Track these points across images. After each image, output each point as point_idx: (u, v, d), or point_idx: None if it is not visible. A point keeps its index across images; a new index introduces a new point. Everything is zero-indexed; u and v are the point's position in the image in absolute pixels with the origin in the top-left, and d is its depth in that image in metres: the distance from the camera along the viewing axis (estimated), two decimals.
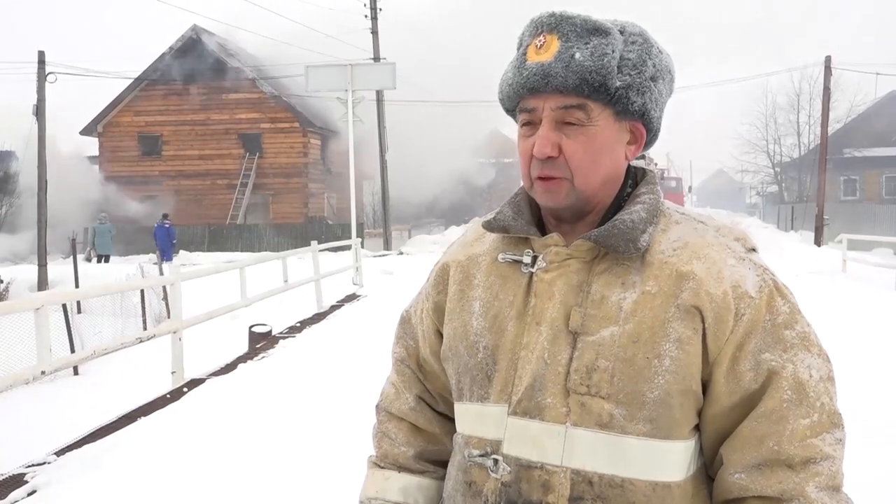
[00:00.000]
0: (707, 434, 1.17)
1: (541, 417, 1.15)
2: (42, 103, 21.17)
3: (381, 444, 1.42)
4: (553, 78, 1.13)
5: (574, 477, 1.12)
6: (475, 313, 1.26)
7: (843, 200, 39.36)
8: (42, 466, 4.62)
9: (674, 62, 1.25)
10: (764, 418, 1.11)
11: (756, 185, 61.71)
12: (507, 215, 1.26)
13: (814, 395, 1.12)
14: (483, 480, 1.19)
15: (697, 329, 1.11)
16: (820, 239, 26.47)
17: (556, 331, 1.16)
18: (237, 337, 9.74)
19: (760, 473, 1.11)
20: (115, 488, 4.20)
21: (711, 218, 1.26)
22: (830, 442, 1.11)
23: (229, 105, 30.75)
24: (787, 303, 1.16)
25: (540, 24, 1.18)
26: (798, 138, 48.30)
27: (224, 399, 6.16)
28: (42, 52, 21.23)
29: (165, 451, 4.79)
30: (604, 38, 1.14)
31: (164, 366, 7.72)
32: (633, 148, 1.22)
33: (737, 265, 1.16)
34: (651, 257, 1.17)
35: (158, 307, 12.74)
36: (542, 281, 1.20)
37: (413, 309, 1.46)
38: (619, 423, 1.11)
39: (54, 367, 5.58)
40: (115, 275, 14.68)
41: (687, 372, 1.11)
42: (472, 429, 1.23)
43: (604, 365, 1.12)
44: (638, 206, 1.19)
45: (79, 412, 7.03)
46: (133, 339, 6.90)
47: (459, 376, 1.27)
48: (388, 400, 1.44)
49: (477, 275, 1.29)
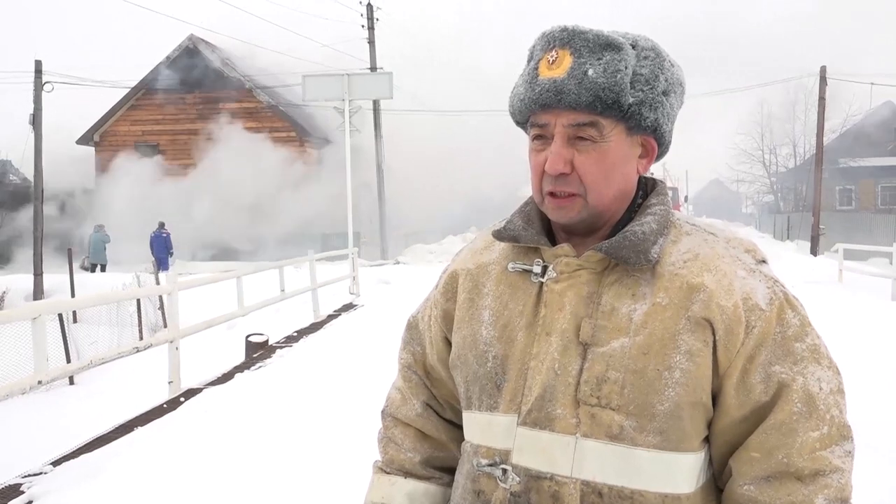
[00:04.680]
0: (716, 446, 1.17)
1: (551, 428, 1.14)
2: (39, 112, 21.16)
3: (387, 450, 1.42)
4: (566, 95, 1.13)
5: (584, 488, 1.12)
6: (485, 322, 1.25)
7: (839, 210, 39.47)
8: (38, 477, 4.59)
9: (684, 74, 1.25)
10: (773, 430, 1.11)
11: (752, 194, 62.02)
12: (518, 225, 1.26)
13: (823, 407, 1.12)
14: (492, 490, 1.19)
15: (708, 341, 1.11)
16: (816, 248, 26.51)
17: (567, 341, 1.16)
18: (234, 346, 9.71)
19: (769, 485, 1.11)
20: (111, 498, 4.18)
21: (722, 229, 1.26)
22: (840, 454, 1.12)
23: (226, 114, 30.73)
24: (798, 315, 1.16)
25: (552, 38, 1.17)
26: (794, 148, 48.55)
27: (221, 409, 6.13)
28: (39, 61, 21.23)
29: (162, 461, 4.77)
30: (616, 53, 1.14)
31: (160, 375, 7.68)
32: (644, 162, 1.23)
33: (747, 277, 1.16)
34: (661, 269, 1.17)
35: (155, 316, 12.71)
36: (553, 291, 1.20)
37: (420, 315, 1.46)
38: (629, 435, 1.11)
39: (51, 376, 5.55)
40: (112, 284, 14.64)
41: (697, 384, 1.11)
42: (482, 438, 1.23)
43: (614, 376, 1.12)
44: (648, 218, 1.19)
45: (75, 422, 7.00)
46: (130, 349, 6.88)
47: (468, 385, 1.27)
48: (394, 405, 1.44)
49: (487, 283, 1.29)
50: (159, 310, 12.50)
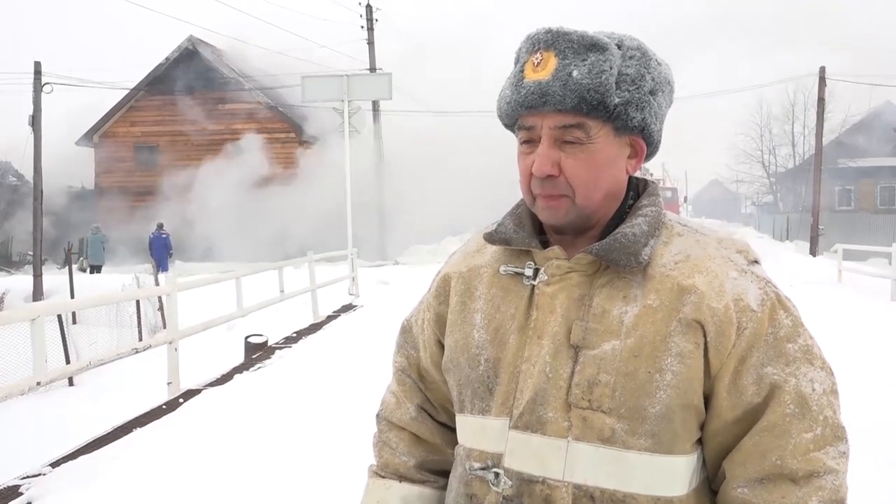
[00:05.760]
0: (709, 448, 1.17)
1: (542, 432, 1.14)
2: (38, 113, 21.16)
3: (382, 454, 1.42)
4: (551, 97, 1.12)
5: (576, 492, 1.12)
6: (476, 325, 1.25)
7: (838, 210, 39.44)
8: (37, 478, 4.59)
9: (672, 72, 1.24)
10: (766, 432, 1.11)
11: (751, 195, 61.97)
12: (509, 227, 1.26)
13: (817, 408, 1.12)
14: (484, 493, 1.19)
15: (699, 343, 1.11)
16: (815, 249, 26.51)
17: (558, 344, 1.16)
18: (233, 347, 9.70)
19: (763, 488, 1.11)
20: (110, 500, 4.18)
21: (714, 230, 1.26)
22: (834, 455, 1.11)
23: (225, 115, 30.72)
24: (790, 316, 1.16)
25: (536, 40, 1.17)
26: (793, 148, 48.59)
27: (220, 410, 6.13)
28: (38, 62, 21.22)
29: (161, 463, 4.77)
30: (601, 53, 1.14)
31: (159, 376, 7.67)
32: (633, 162, 1.22)
33: (739, 278, 1.15)
34: (653, 270, 1.16)
35: (154, 317, 12.71)
36: (544, 294, 1.20)
37: (414, 318, 1.46)
38: (621, 438, 1.11)
39: (50, 377, 5.55)
40: (111, 285, 14.63)
41: (689, 386, 1.11)
42: (474, 441, 1.23)
43: (605, 379, 1.12)
44: (639, 219, 1.19)
45: (74, 423, 7.00)
46: (129, 350, 6.87)
47: (461, 388, 1.26)
48: (388, 409, 1.44)
49: (479, 287, 1.29)
50: (158, 311, 12.50)
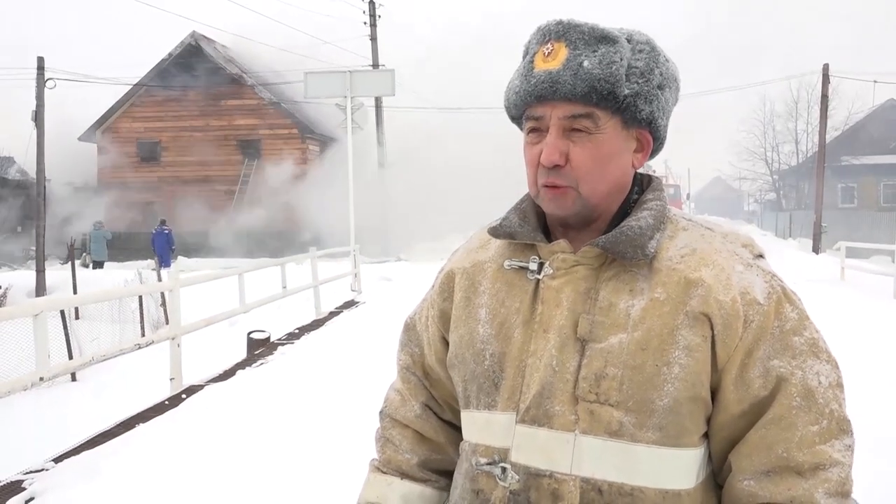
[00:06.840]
0: (716, 441, 1.17)
1: (549, 425, 1.14)
2: (41, 109, 21.18)
3: (385, 450, 1.41)
4: (562, 86, 1.13)
5: (583, 485, 1.12)
6: (481, 320, 1.25)
7: (841, 208, 39.41)
8: (40, 473, 4.60)
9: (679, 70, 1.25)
10: (773, 425, 1.11)
11: (754, 192, 61.94)
12: (513, 221, 1.26)
13: (822, 401, 1.12)
14: (491, 489, 1.19)
15: (706, 336, 1.11)
16: (818, 246, 26.48)
17: (564, 338, 1.16)
18: (235, 343, 9.71)
19: (769, 480, 1.11)
20: (113, 495, 4.18)
21: (718, 224, 1.26)
22: (839, 448, 1.11)
23: (228, 111, 30.72)
24: (796, 309, 1.16)
25: (547, 31, 1.18)
26: (796, 146, 48.50)
27: (223, 406, 6.14)
28: (41, 57, 21.25)
29: (164, 458, 4.77)
30: (612, 46, 1.14)
31: (162, 372, 7.69)
32: (639, 156, 1.22)
33: (745, 272, 1.16)
34: (659, 264, 1.16)
35: (157, 313, 12.73)
36: (550, 288, 1.20)
37: (418, 316, 1.45)
38: (629, 431, 1.11)
39: (53, 373, 5.56)
40: (114, 280, 14.65)
41: (696, 379, 1.11)
42: (480, 437, 1.22)
43: (612, 372, 1.12)
44: (645, 213, 1.19)
45: (77, 419, 7.01)
46: (131, 346, 6.88)
47: (466, 384, 1.26)
48: (392, 406, 1.43)
49: (483, 282, 1.29)
50: (161, 306, 12.52)
